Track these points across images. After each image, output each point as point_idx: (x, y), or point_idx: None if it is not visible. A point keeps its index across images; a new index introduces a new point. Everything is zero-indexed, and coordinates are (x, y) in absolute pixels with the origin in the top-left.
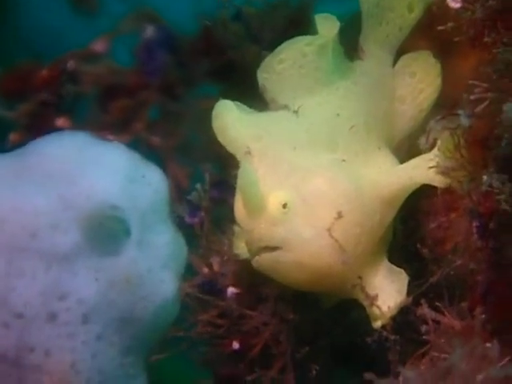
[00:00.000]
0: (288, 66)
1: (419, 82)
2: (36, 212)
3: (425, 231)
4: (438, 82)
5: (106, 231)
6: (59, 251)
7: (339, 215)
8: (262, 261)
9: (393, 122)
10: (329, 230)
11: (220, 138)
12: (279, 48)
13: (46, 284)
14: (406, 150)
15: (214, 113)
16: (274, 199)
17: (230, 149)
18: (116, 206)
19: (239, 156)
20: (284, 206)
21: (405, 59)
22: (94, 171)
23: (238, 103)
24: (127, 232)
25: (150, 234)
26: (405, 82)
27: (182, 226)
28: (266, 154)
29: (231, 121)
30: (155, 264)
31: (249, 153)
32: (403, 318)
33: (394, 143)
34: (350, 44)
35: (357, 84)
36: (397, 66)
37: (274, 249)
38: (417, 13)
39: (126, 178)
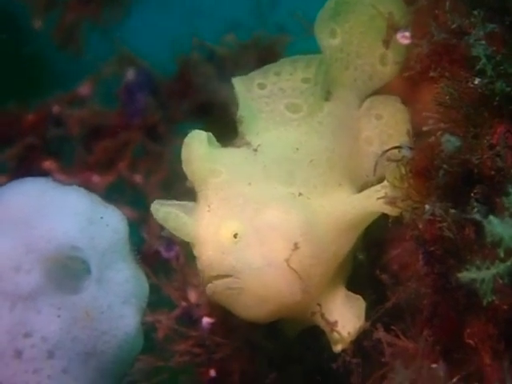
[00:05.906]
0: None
1: (387, 126)
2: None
3: (388, 258)
4: (406, 127)
5: (68, 271)
6: (23, 291)
7: (295, 246)
8: (215, 288)
9: (359, 163)
10: (286, 260)
11: (184, 168)
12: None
13: (11, 322)
14: None
15: (185, 142)
16: (224, 229)
17: (191, 180)
18: (76, 246)
19: (196, 188)
20: (235, 235)
21: (371, 101)
22: (53, 215)
23: (210, 134)
24: (88, 271)
25: (110, 271)
26: (371, 124)
27: (159, 260)
28: (221, 189)
29: (197, 154)
30: (115, 300)
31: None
32: (368, 341)
33: (361, 183)
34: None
35: (322, 123)
36: (363, 107)
37: (225, 277)
38: (390, 69)
39: (86, 220)
